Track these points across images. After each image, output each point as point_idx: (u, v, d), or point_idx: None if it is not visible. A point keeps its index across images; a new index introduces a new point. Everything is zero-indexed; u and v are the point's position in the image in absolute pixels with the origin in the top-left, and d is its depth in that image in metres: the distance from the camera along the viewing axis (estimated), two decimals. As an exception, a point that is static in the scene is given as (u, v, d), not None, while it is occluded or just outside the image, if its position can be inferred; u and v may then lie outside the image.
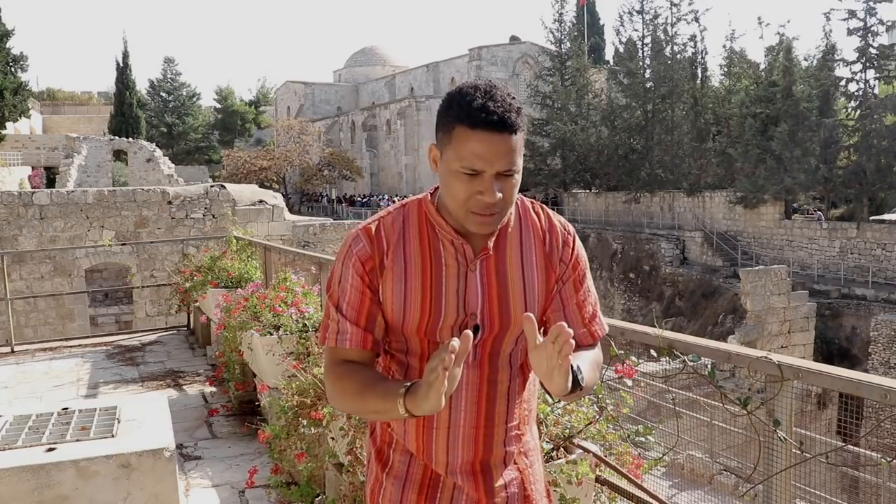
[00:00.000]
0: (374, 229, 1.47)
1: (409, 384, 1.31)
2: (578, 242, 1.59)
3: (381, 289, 1.46)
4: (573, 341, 1.25)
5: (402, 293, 1.44)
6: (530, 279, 1.50)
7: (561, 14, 39.83)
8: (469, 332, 1.25)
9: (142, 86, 56.18)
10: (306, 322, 4.25)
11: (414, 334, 1.47)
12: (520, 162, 1.39)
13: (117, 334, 9.22)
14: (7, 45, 30.45)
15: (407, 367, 1.51)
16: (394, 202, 1.86)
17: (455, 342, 1.21)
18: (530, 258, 1.51)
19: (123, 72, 48.36)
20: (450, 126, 1.37)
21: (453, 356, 1.21)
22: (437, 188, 1.51)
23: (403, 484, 1.53)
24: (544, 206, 1.60)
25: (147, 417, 3.10)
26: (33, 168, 35.58)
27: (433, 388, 1.23)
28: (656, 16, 34.83)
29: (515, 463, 1.56)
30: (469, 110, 1.34)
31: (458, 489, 1.51)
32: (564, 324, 1.25)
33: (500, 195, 1.37)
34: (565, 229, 1.57)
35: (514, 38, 58.71)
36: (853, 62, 26.38)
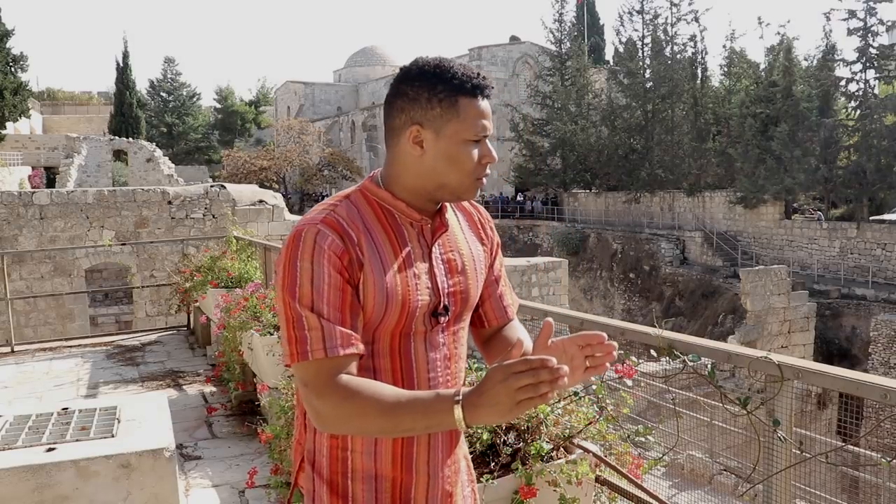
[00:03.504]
0: (336, 221, 1.34)
1: (459, 391, 1.21)
2: None
3: (361, 285, 1.33)
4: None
5: (383, 286, 1.34)
6: (477, 253, 1.53)
7: (561, 14, 39.84)
8: (550, 320, 1.29)
9: (142, 86, 56.25)
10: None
11: (388, 331, 1.38)
12: None
13: (117, 334, 9.22)
14: (7, 45, 30.43)
15: (374, 370, 1.38)
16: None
17: (553, 360, 1.15)
18: (470, 234, 1.54)
19: (123, 72, 48.34)
20: (451, 100, 1.37)
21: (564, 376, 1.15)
22: (371, 180, 1.46)
23: None
24: None
25: (147, 417, 3.10)
26: (33, 168, 35.56)
27: (523, 407, 1.16)
28: (656, 16, 34.83)
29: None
30: (462, 80, 1.37)
31: (430, 497, 1.44)
32: (604, 335, 1.32)
33: None
34: (480, 207, 1.63)
35: (514, 38, 58.65)
36: (853, 62, 26.36)
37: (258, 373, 4.79)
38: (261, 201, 15.20)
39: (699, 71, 33.40)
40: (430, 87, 1.37)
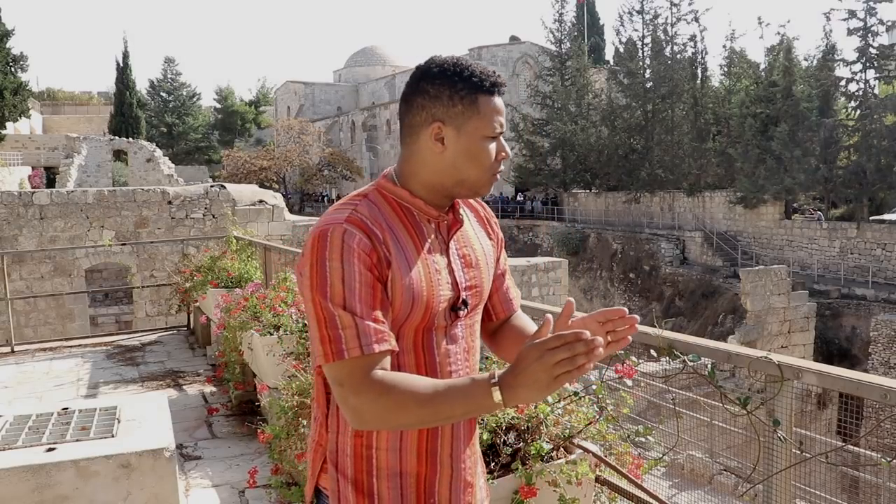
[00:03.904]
0: (361, 220, 1.35)
1: (494, 374, 1.23)
2: None
3: (389, 283, 1.34)
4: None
5: (410, 284, 1.36)
6: (487, 248, 1.57)
7: (561, 14, 39.85)
8: (571, 300, 1.31)
9: (142, 86, 56.29)
10: (306, 322, 4.24)
11: (412, 328, 1.40)
12: None
13: (117, 334, 9.21)
14: (7, 45, 30.44)
15: (398, 367, 1.39)
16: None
17: (587, 333, 1.17)
18: (479, 229, 1.58)
19: (123, 72, 48.36)
20: (471, 97, 1.40)
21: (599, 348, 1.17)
22: (386, 178, 1.47)
23: None
24: None
25: (147, 417, 3.10)
26: (33, 168, 35.58)
27: (561, 382, 1.18)
28: (656, 16, 34.83)
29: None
30: (481, 78, 1.41)
31: (454, 489, 1.48)
32: (625, 310, 1.34)
33: None
34: (484, 204, 1.66)
35: (514, 38, 58.66)
36: (853, 62, 26.37)
37: (258, 373, 4.78)
38: (261, 201, 15.20)
39: (699, 71, 33.40)
40: (451, 84, 1.40)
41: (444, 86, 1.40)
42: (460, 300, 1.45)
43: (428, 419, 1.30)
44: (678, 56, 33.67)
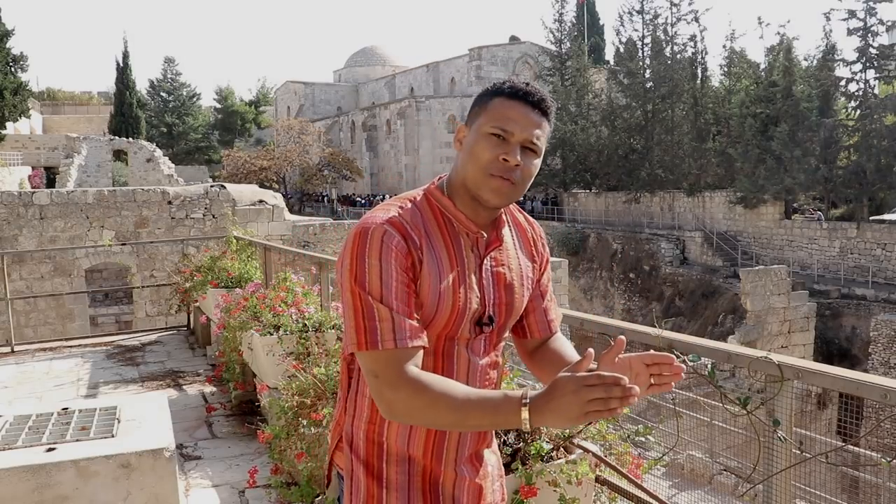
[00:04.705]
0: (401, 223, 1.40)
1: (526, 393, 1.26)
2: None
3: (418, 286, 1.39)
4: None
5: (437, 290, 1.41)
6: (526, 269, 1.58)
7: (561, 14, 39.86)
8: (623, 339, 1.32)
9: (142, 86, 56.31)
10: (306, 322, 4.25)
11: (435, 333, 1.44)
12: (542, 151, 1.47)
13: (117, 334, 9.21)
14: (7, 45, 30.43)
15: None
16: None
17: (626, 379, 1.19)
18: (522, 250, 1.59)
19: (123, 72, 48.37)
20: (488, 99, 1.46)
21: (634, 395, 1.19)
22: (436, 185, 1.51)
23: (408, 495, 1.47)
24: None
25: (147, 417, 3.10)
26: (33, 168, 35.57)
27: (589, 418, 1.21)
28: (656, 16, 34.81)
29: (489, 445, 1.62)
30: (511, 86, 1.45)
31: (457, 487, 1.51)
32: (674, 357, 1.34)
33: (520, 163, 1.43)
34: (535, 224, 1.68)
35: (514, 38, 58.71)
36: (853, 62, 26.36)
37: (258, 373, 4.78)
38: (261, 201, 15.21)
39: (699, 71, 33.38)
40: (485, 91, 1.49)
41: (481, 93, 1.50)
42: (486, 316, 1.49)
43: (456, 424, 1.35)
44: (678, 56, 33.65)
